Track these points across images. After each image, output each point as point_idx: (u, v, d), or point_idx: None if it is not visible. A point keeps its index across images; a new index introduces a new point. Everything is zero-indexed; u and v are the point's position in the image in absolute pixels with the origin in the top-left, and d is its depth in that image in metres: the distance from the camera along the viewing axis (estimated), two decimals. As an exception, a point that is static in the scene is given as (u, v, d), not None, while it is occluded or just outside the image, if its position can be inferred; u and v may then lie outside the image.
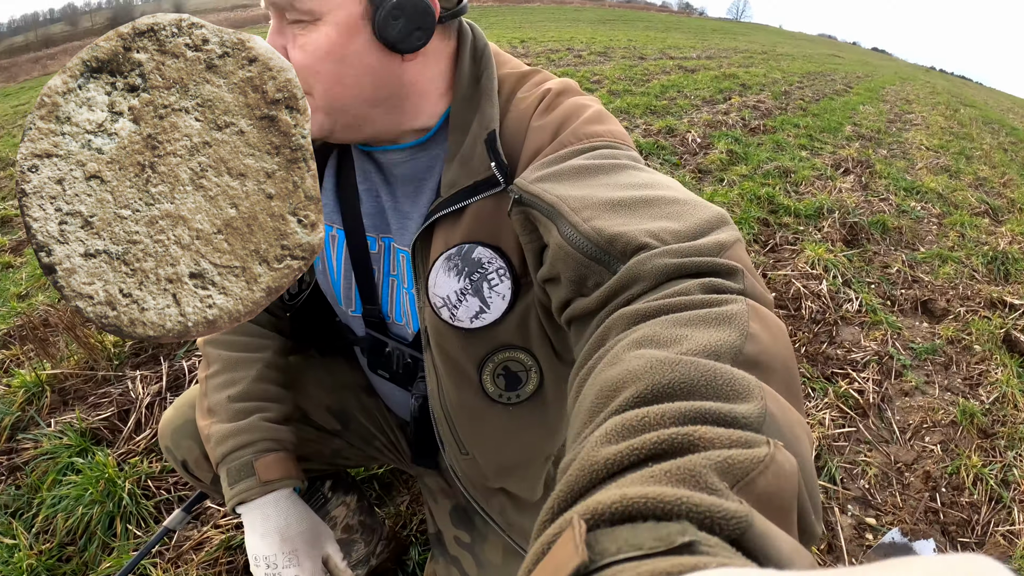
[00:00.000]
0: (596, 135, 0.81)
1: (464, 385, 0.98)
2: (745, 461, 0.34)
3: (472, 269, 0.89)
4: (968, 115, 12.29)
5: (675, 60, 12.90)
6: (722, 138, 5.87)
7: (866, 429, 2.18)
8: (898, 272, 3.43)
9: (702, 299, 0.52)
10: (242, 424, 1.06)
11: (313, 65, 0.82)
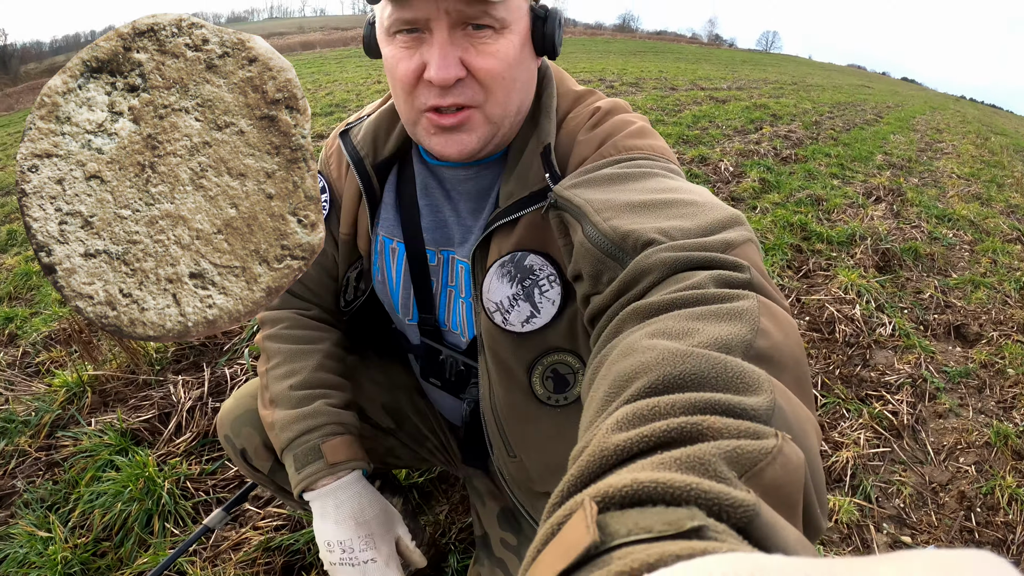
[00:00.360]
0: (636, 148, 0.86)
1: (514, 388, 1.01)
2: (754, 451, 0.35)
3: (524, 275, 0.93)
4: (999, 143, 12.07)
5: (706, 91, 12.95)
6: (754, 167, 5.94)
7: (901, 450, 2.23)
8: (931, 297, 3.47)
9: (714, 293, 0.53)
10: (306, 410, 1.07)
11: (503, 71, 0.86)
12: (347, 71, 15.79)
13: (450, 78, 0.83)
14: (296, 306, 1.21)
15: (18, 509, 1.86)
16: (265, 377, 1.14)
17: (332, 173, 1.15)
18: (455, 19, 0.82)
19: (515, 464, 1.11)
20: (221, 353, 2.58)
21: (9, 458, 2.08)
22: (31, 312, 3.31)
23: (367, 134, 1.08)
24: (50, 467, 2.04)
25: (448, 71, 0.83)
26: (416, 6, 0.81)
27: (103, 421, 2.17)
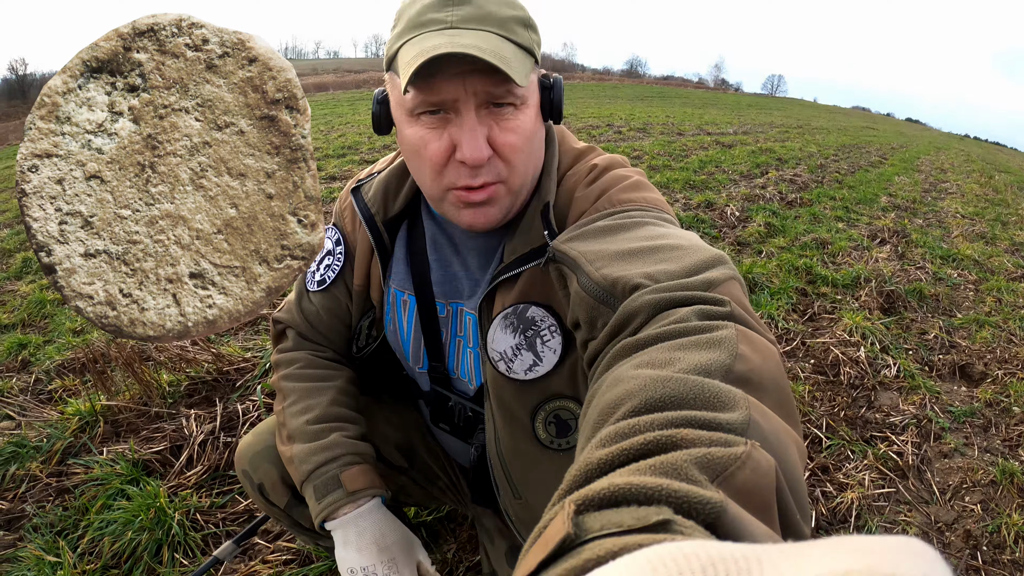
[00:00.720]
0: (629, 200, 0.91)
1: (518, 432, 1.04)
2: (724, 457, 0.37)
3: (526, 326, 0.97)
4: (1003, 181, 12.17)
5: (712, 135, 13.12)
6: (760, 211, 5.99)
7: (906, 490, 2.22)
8: (935, 338, 3.47)
9: (695, 325, 0.56)
10: (324, 442, 1.11)
11: (523, 145, 0.91)
12: (359, 113, 16.01)
13: (483, 158, 0.88)
14: (310, 348, 1.26)
15: (27, 533, 1.87)
16: (282, 415, 1.17)
17: (346, 226, 1.20)
18: (481, 99, 0.86)
19: (521, 505, 1.13)
20: (233, 389, 2.60)
21: (20, 482, 2.09)
22: (45, 340, 3.35)
23: (377, 192, 1.14)
24: (60, 493, 2.05)
25: (481, 151, 0.87)
26: (443, 89, 0.85)
27: (115, 451, 2.19)
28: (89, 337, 3.25)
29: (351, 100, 21.21)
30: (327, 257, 1.21)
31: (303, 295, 1.24)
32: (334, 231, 1.22)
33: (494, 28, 0.86)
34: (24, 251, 5.15)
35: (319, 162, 8.47)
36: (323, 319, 1.22)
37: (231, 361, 2.76)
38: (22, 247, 5.34)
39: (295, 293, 1.27)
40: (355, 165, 8.16)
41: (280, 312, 1.30)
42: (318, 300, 1.22)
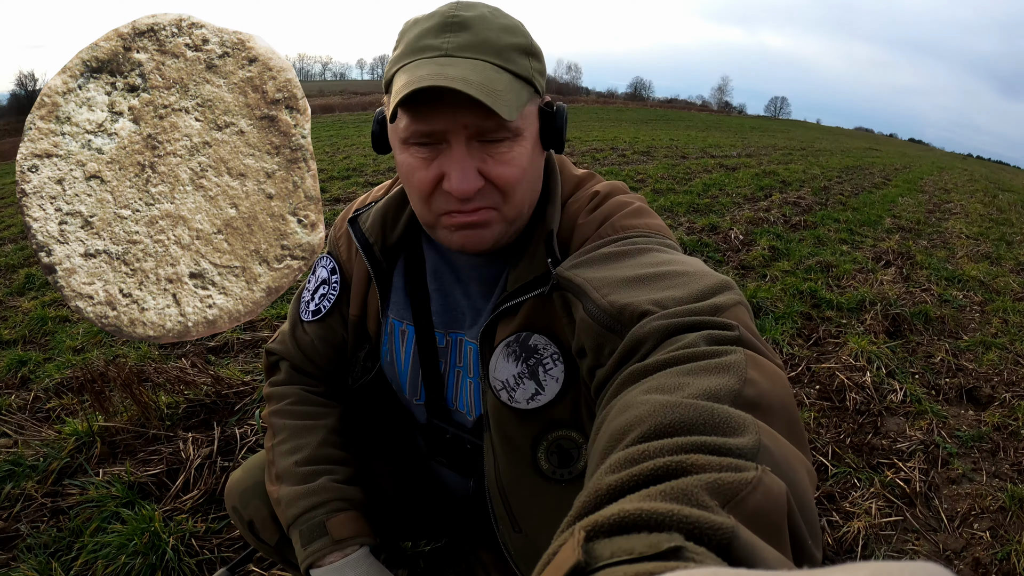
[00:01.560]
0: (632, 227, 0.90)
1: (519, 463, 1.02)
2: (734, 482, 0.37)
3: (528, 354, 0.96)
4: (1007, 200, 12.15)
5: (716, 158, 13.17)
6: (764, 234, 5.99)
7: (913, 518, 2.18)
8: (942, 361, 3.44)
9: (704, 351, 0.56)
10: (311, 486, 1.08)
11: (519, 176, 0.90)
12: (364, 135, 16.12)
13: (471, 190, 0.87)
14: (303, 382, 1.23)
15: (20, 553, 1.85)
16: (271, 453, 1.15)
17: (342, 255, 1.19)
18: (472, 132, 0.86)
19: (521, 539, 1.11)
20: (232, 412, 2.58)
21: (15, 501, 2.07)
22: (45, 357, 3.34)
23: (375, 221, 1.12)
24: (55, 514, 2.03)
25: (469, 183, 0.87)
26: (434, 120, 0.85)
27: (111, 472, 2.17)
28: (89, 356, 3.25)
29: (356, 122, 21.39)
30: (322, 286, 1.19)
31: (297, 325, 1.22)
32: (329, 260, 1.20)
33: (490, 57, 0.85)
34: (27, 267, 5.17)
35: (323, 184, 8.50)
36: (318, 350, 1.20)
37: (230, 384, 2.75)
38: (26, 262, 5.36)
39: (289, 324, 1.24)
40: (359, 187, 8.21)
41: (274, 343, 1.27)
42: (313, 330, 1.19)
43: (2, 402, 2.79)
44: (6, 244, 6.27)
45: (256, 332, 3.47)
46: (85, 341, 3.51)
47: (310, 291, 1.21)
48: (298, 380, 1.23)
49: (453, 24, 0.87)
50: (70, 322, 3.86)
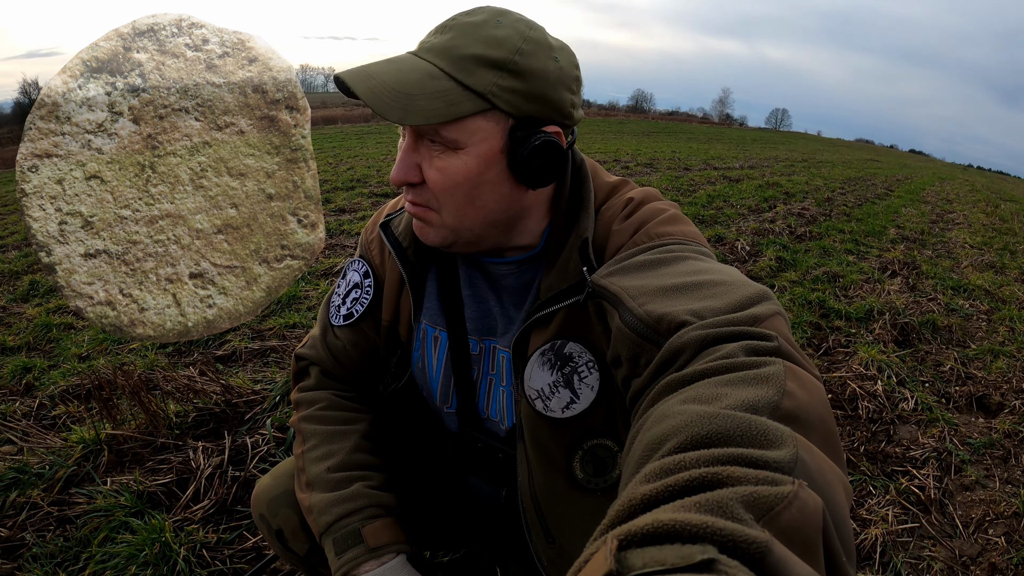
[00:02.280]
0: (667, 234, 0.89)
1: (554, 473, 1.00)
2: (770, 496, 0.37)
3: (564, 363, 0.94)
4: (1009, 209, 12.17)
5: (719, 170, 13.21)
6: (770, 245, 6.01)
7: (929, 524, 2.18)
8: (951, 369, 3.44)
9: (743, 361, 0.56)
10: (345, 492, 1.06)
11: (448, 188, 0.89)
12: (367, 147, 16.21)
13: (399, 180, 0.90)
14: (333, 387, 1.21)
15: (26, 562, 1.82)
16: (301, 459, 1.13)
17: (375, 259, 1.17)
18: (414, 131, 0.88)
19: (554, 550, 1.09)
20: (242, 422, 2.57)
21: (20, 509, 2.04)
22: (49, 364, 3.33)
23: (408, 225, 1.10)
24: (62, 523, 2.01)
25: (399, 174, 0.90)
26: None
27: (119, 481, 2.15)
28: (95, 363, 3.24)
29: (359, 134, 21.50)
30: (354, 290, 1.17)
31: (328, 330, 1.19)
32: (362, 264, 1.18)
33: (443, 63, 0.84)
34: (32, 273, 5.17)
35: (327, 195, 8.52)
36: (350, 354, 1.17)
37: (240, 393, 2.73)
38: (29, 269, 5.36)
39: (319, 328, 1.22)
40: (364, 198, 8.22)
41: (303, 348, 1.24)
42: (344, 335, 1.17)
43: (7, 409, 2.78)
44: (10, 251, 6.28)
45: (264, 341, 3.47)
46: (91, 348, 3.51)
47: (340, 295, 1.19)
48: (329, 385, 1.21)
49: (444, 27, 0.89)
50: (75, 329, 3.86)
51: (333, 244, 5.72)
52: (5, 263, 5.59)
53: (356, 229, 6.33)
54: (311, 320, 3.76)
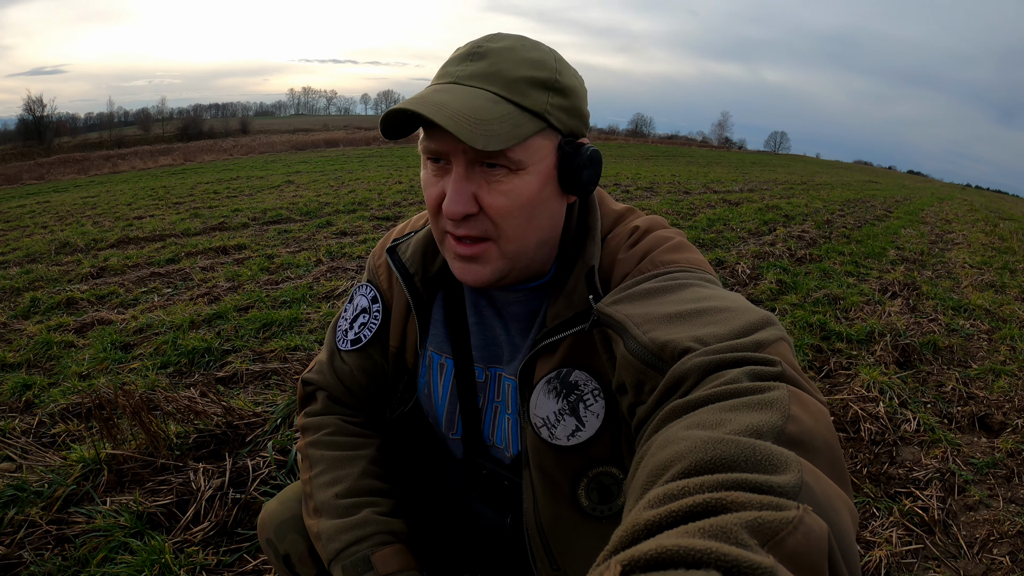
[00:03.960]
0: (672, 262, 0.90)
1: (559, 500, 0.99)
2: (775, 521, 0.36)
3: (569, 391, 0.94)
4: (1008, 228, 12.20)
5: (719, 194, 13.26)
6: (770, 268, 6.03)
7: (933, 545, 2.17)
8: (953, 390, 3.44)
9: (747, 386, 0.56)
10: (354, 519, 1.05)
11: (514, 210, 0.88)
12: (368, 170, 16.29)
13: (458, 213, 0.87)
14: (341, 412, 1.20)
15: (23, 581, 1.80)
16: (309, 485, 1.12)
17: (382, 283, 1.17)
18: (472, 156, 0.86)
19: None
20: (243, 444, 2.56)
21: (18, 527, 2.03)
22: (49, 382, 3.33)
23: (416, 252, 1.10)
24: (60, 542, 1.99)
25: (457, 206, 0.87)
26: (440, 140, 0.86)
27: (119, 501, 2.14)
28: (95, 382, 3.24)
29: (360, 157, 21.60)
30: (362, 315, 1.17)
31: (335, 355, 1.19)
32: (369, 288, 1.18)
33: (496, 87, 0.85)
34: (32, 290, 5.19)
35: (329, 218, 8.57)
36: (357, 379, 1.17)
37: (241, 415, 2.73)
38: (31, 286, 5.38)
39: (326, 353, 1.21)
40: (365, 221, 8.28)
41: (310, 373, 1.24)
42: (352, 360, 1.17)
43: (6, 425, 2.78)
44: (11, 267, 6.29)
45: (265, 363, 3.47)
46: (91, 367, 3.51)
47: (348, 320, 1.19)
48: (336, 410, 1.20)
49: (474, 54, 0.88)
50: (75, 347, 3.87)
51: (335, 267, 5.73)
52: (6, 279, 5.61)
53: (357, 252, 6.36)
54: (312, 343, 3.77)
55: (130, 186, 14.68)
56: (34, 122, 58.74)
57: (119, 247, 7.13)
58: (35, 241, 7.64)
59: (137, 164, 23.34)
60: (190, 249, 6.71)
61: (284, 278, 5.44)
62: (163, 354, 3.65)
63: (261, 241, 7.16)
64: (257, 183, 13.53)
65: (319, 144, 28.56)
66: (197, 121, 78.73)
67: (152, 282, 5.45)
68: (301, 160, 20.80)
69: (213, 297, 4.86)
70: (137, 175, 18.67)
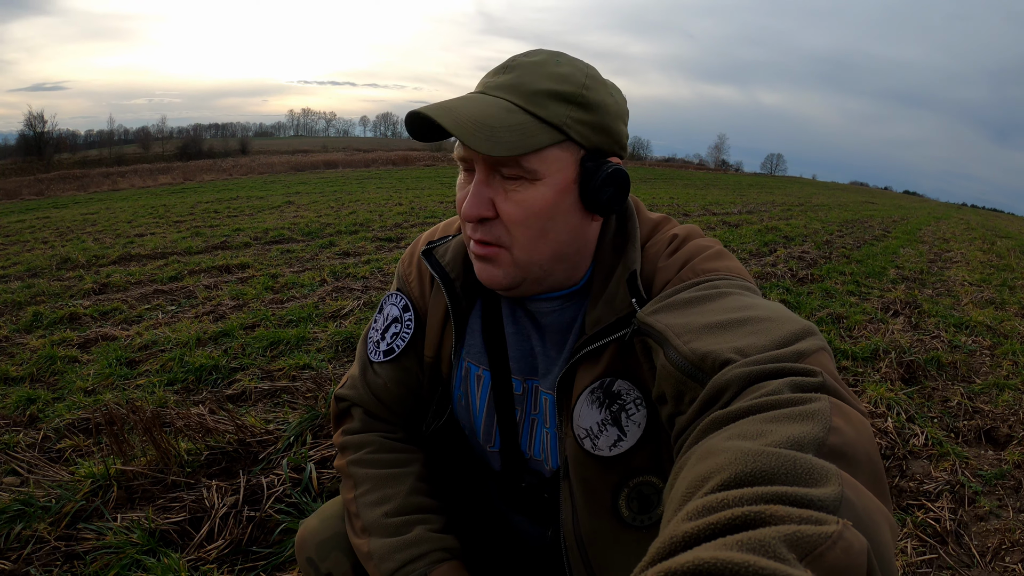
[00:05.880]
0: (712, 270, 0.89)
1: (600, 511, 0.98)
2: (814, 536, 0.36)
3: (612, 400, 0.93)
4: (1005, 246, 12.29)
5: (718, 215, 13.37)
6: (773, 289, 6.06)
7: (947, 555, 2.19)
8: (958, 404, 3.47)
9: (788, 398, 0.55)
10: (407, 538, 1.03)
11: (526, 219, 0.89)
12: (368, 191, 16.31)
13: (473, 216, 0.90)
14: (379, 429, 1.18)
15: (31, 597, 1.79)
16: (354, 504, 1.09)
17: (414, 291, 1.16)
18: (491, 164, 0.89)
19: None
20: (256, 461, 2.55)
21: (25, 542, 2.02)
22: (54, 396, 3.32)
23: (456, 256, 1.09)
24: (69, 558, 1.97)
25: (473, 209, 0.89)
26: (463, 146, 0.88)
27: (129, 518, 2.11)
28: (102, 398, 3.23)
29: (360, 178, 21.66)
30: (394, 325, 1.15)
31: (368, 367, 1.16)
32: (400, 297, 1.16)
33: (515, 98, 0.87)
34: (35, 304, 5.18)
35: (332, 238, 8.59)
36: (392, 392, 1.14)
37: (253, 432, 2.71)
38: (33, 300, 5.37)
39: (358, 367, 1.19)
40: (367, 242, 8.29)
41: (343, 388, 1.20)
42: (385, 372, 1.14)
43: (10, 439, 2.76)
44: (12, 281, 6.28)
45: (274, 382, 3.47)
46: (96, 383, 3.50)
47: (379, 330, 1.17)
48: (374, 427, 1.18)
49: (506, 67, 0.91)
50: (79, 362, 3.86)
51: (340, 287, 5.73)
52: (8, 293, 5.60)
53: (361, 273, 6.36)
54: (320, 362, 3.77)
55: (130, 204, 14.67)
56: (35, 138, 58.44)
57: (121, 264, 7.13)
58: (36, 256, 7.64)
59: (137, 182, 23.21)
60: (193, 267, 6.71)
61: (289, 297, 5.43)
62: (170, 371, 3.64)
63: (264, 260, 7.15)
64: (257, 203, 13.55)
65: (318, 165, 28.59)
66: (197, 140, 78.24)
67: (156, 299, 5.43)
68: (300, 181, 20.82)
69: (218, 315, 4.86)
70: (137, 193, 18.65)
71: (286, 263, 7.04)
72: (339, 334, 4.24)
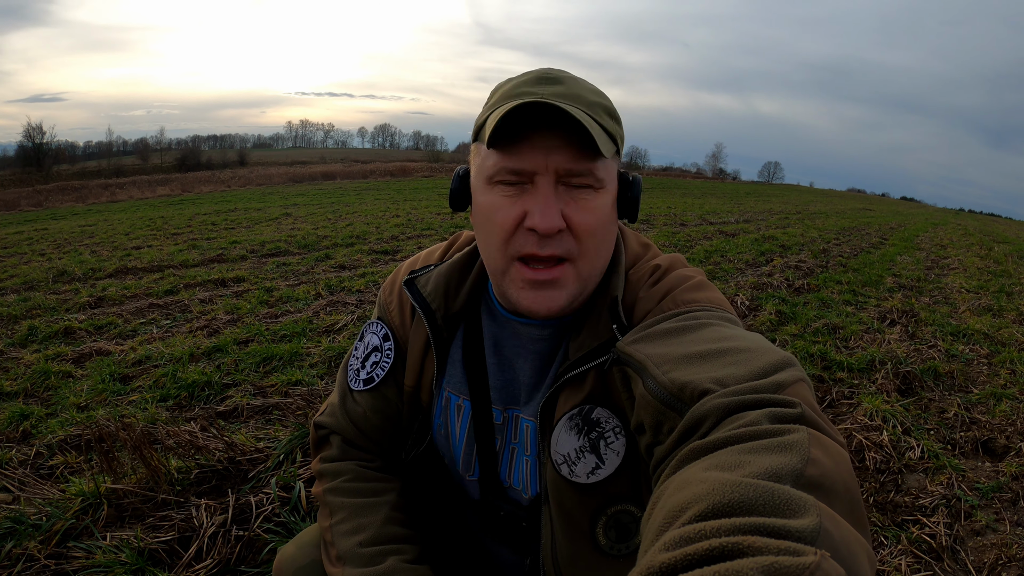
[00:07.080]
0: (693, 301, 0.90)
1: (577, 538, 0.97)
2: (792, 567, 0.36)
3: (591, 428, 0.93)
4: (1002, 251, 12.29)
5: (715, 225, 13.38)
6: (769, 299, 6.05)
7: (943, 572, 2.16)
8: (955, 415, 3.45)
9: (766, 429, 0.56)
10: (380, 568, 1.01)
11: (598, 228, 0.90)
12: (365, 203, 16.34)
13: (554, 227, 0.87)
14: (357, 457, 1.17)
15: (21, 616, 1.77)
16: (329, 532, 1.09)
17: (395, 320, 1.15)
18: (561, 175, 0.87)
19: None
20: (245, 480, 2.53)
21: (16, 560, 2.00)
22: (47, 412, 3.30)
23: (438, 286, 1.09)
24: (58, 578, 1.95)
25: (553, 220, 0.86)
26: (525, 158, 0.86)
27: (119, 537, 2.10)
28: (94, 415, 3.21)
29: (358, 190, 21.69)
30: (374, 354, 1.14)
31: (347, 395, 1.16)
32: (380, 326, 1.16)
33: (583, 107, 0.87)
34: (30, 318, 5.16)
35: (328, 251, 8.59)
36: (371, 421, 1.14)
37: (243, 450, 2.70)
38: (28, 314, 5.35)
39: (337, 395, 1.19)
40: (364, 255, 8.28)
41: (323, 416, 1.20)
42: (365, 400, 1.14)
43: (2, 456, 2.75)
44: (8, 294, 6.27)
45: (266, 398, 3.46)
46: (89, 399, 3.49)
47: (359, 359, 1.16)
48: (352, 455, 1.17)
49: (548, 79, 0.91)
50: (73, 378, 3.85)
51: (334, 301, 5.72)
52: (3, 307, 5.59)
53: (356, 286, 6.35)
54: (313, 377, 3.75)
55: (128, 215, 14.70)
56: (33, 149, 58.45)
57: (117, 277, 7.12)
58: (33, 268, 7.63)
59: (135, 193, 23.28)
60: (188, 280, 6.70)
61: (283, 311, 5.43)
62: (162, 387, 3.63)
63: (260, 274, 7.15)
64: (255, 215, 13.58)
65: (316, 177, 28.64)
66: (195, 152, 78.30)
67: (151, 313, 5.42)
68: (298, 192, 20.88)
69: (212, 330, 4.84)
70: (135, 204, 18.69)
71: (281, 276, 7.04)
72: (332, 349, 4.23)
